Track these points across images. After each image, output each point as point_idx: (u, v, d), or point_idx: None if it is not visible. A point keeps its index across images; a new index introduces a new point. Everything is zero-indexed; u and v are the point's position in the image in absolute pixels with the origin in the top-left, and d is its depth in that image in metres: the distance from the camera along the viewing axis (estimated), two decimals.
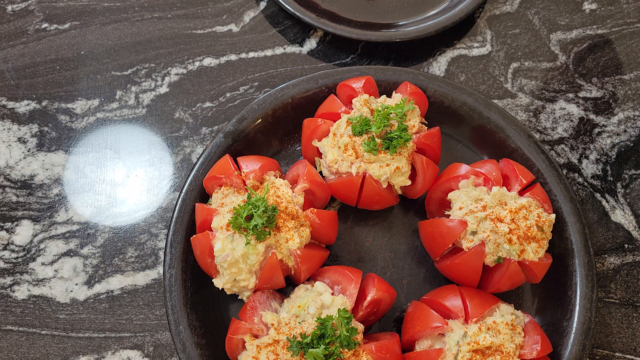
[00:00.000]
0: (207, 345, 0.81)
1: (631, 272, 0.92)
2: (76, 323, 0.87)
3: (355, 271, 0.80)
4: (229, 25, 1.07)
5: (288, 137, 0.96)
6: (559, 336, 0.82)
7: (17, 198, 0.94)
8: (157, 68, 1.03)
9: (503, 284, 0.80)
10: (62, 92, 1.01)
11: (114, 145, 0.98)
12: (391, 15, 1.08)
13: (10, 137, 0.98)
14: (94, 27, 1.06)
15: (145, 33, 1.06)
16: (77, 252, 0.91)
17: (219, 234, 0.78)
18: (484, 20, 1.09)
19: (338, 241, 0.91)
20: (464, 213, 0.80)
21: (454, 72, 1.05)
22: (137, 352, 0.86)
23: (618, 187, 0.97)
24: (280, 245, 0.78)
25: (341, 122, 0.85)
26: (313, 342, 0.72)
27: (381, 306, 0.81)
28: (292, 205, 0.80)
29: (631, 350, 0.87)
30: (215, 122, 1.00)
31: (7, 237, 0.92)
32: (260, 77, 1.03)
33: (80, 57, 1.04)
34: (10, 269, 0.90)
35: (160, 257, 0.91)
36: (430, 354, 0.75)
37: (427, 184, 0.87)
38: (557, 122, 1.01)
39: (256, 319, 0.77)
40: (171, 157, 0.97)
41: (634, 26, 1.09)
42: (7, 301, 0.88)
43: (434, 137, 0.87)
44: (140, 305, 0.88)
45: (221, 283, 0.79)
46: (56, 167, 0.96)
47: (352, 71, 0.93)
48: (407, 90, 0.89)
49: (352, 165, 0.84)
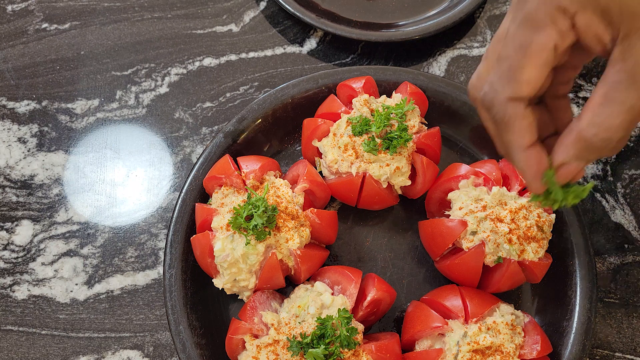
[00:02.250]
0: (207, 345, 0.81)
1: (631, 272, 0.92)
2: (76, 323, 0.87)
3: (355, 271, 0.80)
4: (229, 25, 1.07)
5: (288, 137, 0.96)
6: (559, 336, 0.82)
7: (17, 198, 0.94)
8: (157, 68, 1.03)
9: (503, 284, 0.80)
10: (62, 92, 1.01)
11: (114, 145, 0.98)
12: (391, 15, 1.08)
13: (10, 137, 0.98)
14: (94, 27, 1.06)
15: (145, 33, 1.06)
16: (77, 252, 0.91)
17: (219, 234, 0.78)
18: (484, 20, 1.09)
19: (338, 241, 0.91)
20: (464, 213, 0.80)
21: (454, 72, 1.05)
22: (137, 352, 0.86)
23: (618, 187, 0.97)
24: (280, 245, 0.78)
25: (341, 122, 0.85)
26: (313, 342, 0.72)
27: (381, 306, 0.81)
28: (292, 205, 0.80)
29: (631, 350, 0.87)
30: (215, 122, 1.00)
31: (7, 237, 0.92)
32: (260, 77, 1.03)
33: (80, 57, 1.04)
34: (10, 269, 0.90)
35: (160, 257, 0.91)
36: (430, 354, 0.75)
37: (427, 184, 0.87)
38: None
39: (256, 319, 0.77)
40: (171, 157, 0.97)
41: None
42: (7, 301, 0.88)
43: (434, 137, 0.87)
44: (140, 305, 0.88)
45: (221, 283, 0.79)
46: (56, 167, 0.96)
47: (352, 71, 0.93)
48: (407, 90, 0.89)
49: (352, 165, 0.84)
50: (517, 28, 0.54)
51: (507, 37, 0.55)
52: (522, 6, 0.54)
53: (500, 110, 0.56)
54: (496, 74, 0.56)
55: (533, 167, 0.58)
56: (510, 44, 0.55)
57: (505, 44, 0.55)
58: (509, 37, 0.55)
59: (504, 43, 0.55)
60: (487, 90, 0.57)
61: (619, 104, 0.51)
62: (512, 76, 0.55)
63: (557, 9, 0.51)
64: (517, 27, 0.54)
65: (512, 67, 0.55)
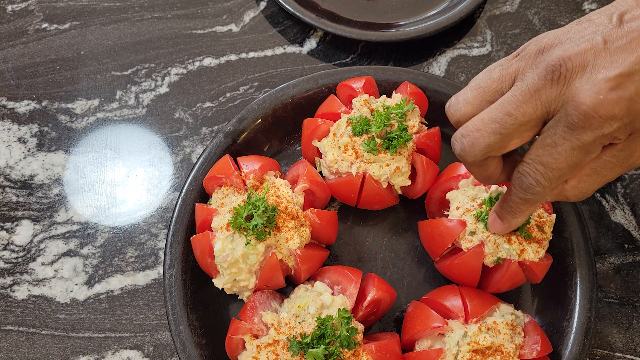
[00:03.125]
0: (207, 345, 0.81)
1: (631, 272, 0.92)
2: (76, 323, 0.87)
3: (355, 271, 0.80)
4: (229, 25, 1.07)
5: (288, 137, 0.96)
6: (559, 336, 0.82)
7: (17, 198, 0.94)
8: (157, 68, 1.03)
9: (503, 284, 0.80)
10: (62, 92, 1.01)
11: (114, 145, 0.98)
12: (391, 15, 1.08)
13: (10, 137, 0.98)
14: (94, 27, 1.06)
15: (145, 33, 1.06)
16: (77, 252, 0.91)
17: (219, 234, 0.78)
18: (484, 20, 1.09)
19: (338, 241, 0.91)
20: (461, 212, 0.80)
21: (454, 72, 1.05)
22: (137, 352, 0.86)
23: (618, 187, 0.97)
24: (280, 245, 0.78)
25: (341, 122, 0.85)
26: (313, 342, 0.72)
27: (381, 306, 0.81)
28: (292, 205, 0.80)
29: (631, 350, 0.87)
30: (215, 122, 1.00)
31: (7, 237, 0.92)
32: (260, 77, 1.03)
33: (80, 57, 1.04)
34: (10, 269, 0.90)
35: (160, 257, 0.91)
36: (430, 354, 0.75)
37: (427, 184, 0.87)
38: None
39: (256, 319, 0.77)
40: (171, 157, 0.97)
41: None
42: (7, 301, 0.88)
43: (434, 137, 0.87)
44: (140, 305, 0.88)
45: (221, 283, 0.79)
46: (56, 167, 0.96)
47: (352, 71, 0.93)
48: (407, 90, 0.89)
49: (352, 165, 0.84)
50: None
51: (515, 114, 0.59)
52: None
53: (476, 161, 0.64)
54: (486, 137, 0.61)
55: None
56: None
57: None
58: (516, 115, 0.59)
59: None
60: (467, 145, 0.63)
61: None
62: (504, 146, 0.61)
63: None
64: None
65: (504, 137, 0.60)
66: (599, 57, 0.54)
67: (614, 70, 0.53)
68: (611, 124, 0.54)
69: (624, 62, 0.53)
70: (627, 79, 0.53)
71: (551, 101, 0.56)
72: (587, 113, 0.54)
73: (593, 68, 0.54)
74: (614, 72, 0.53)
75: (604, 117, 0.53)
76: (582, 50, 0.55)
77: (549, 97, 0.56)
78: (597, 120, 0.54)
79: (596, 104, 0.53)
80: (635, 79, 0.53)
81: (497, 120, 0.59)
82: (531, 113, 0.57)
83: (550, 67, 0.56)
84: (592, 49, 0.55)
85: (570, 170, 0.59)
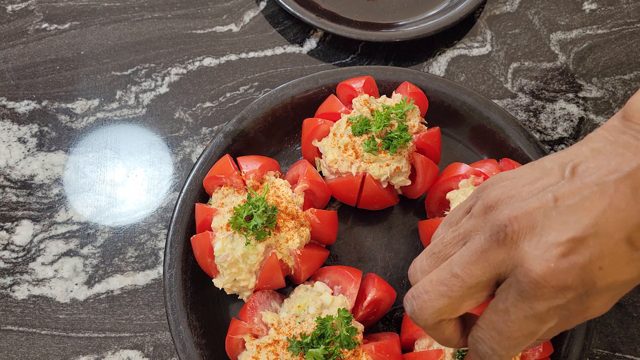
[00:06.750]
0: (207, 345, 0.81)
1: None
2: (76, 323, 0.87)
3: (355, 271, 0.80)
4: (229, 25, 1.07)
5: (288, 137, 0.96)
6: (559, 336, 0.82)
7: (17, 198, 0.94)
8: (157, 68, 1.03)
9: None
10: (62, 92, 1.01)
11: (114, 145, 0.98)
12: (391, 15, 1.08)
13: (10, 137, 0.98)
14: (94, 27, 1.06)
15: (145, 33, 1.06)
16: (77, 252, 0.91)
17: (219, 234, 0.78)
18: (484, 20, 1.09)
19: (338, 241, 0.91)
20: None
21: (454, 72, 1.05)
22: (137, 352, 0.86)
23: None
24: (280, 245, 0.78)
25: (341, 122, 0.85)
26: (313, 342, 0.72)
27: (381, 306, 0.81)
28: (292, 205, 0.80)
29: (631, 350, 0.87)
30: (215, 122, 1.00)
31: (7, 237, 0.92)
32: (260, 77, 1.03)
33: (80, 57, 1.04)
34: (10, 269, 0.90)
35: (160, 257, 0.91)
36: (430, 354, 0.75)
37: (427, 184, 0.87)
38: (557, 122, 1.01)
39: (256, 319, 0.77)
40: (171, 157, 0.97)
41: (634, 26, 1.09)
42: (7, 301, 0.88)
43: (434, 137, 0.87)
44: (140, 305, 0.88)
45: (221, 283, 0.79)
46: (56, 167, 0.96)
47: (352, 71, 0.93)
48: (407, 90, 0.89)
49: (352, 165, 0.84)
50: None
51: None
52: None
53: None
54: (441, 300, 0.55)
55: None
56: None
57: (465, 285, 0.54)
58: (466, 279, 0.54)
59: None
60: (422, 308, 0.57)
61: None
62: (456, 310, 0.55)
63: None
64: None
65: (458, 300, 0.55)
66: (549, 217, 0.49)
67: (565, 234, 0.48)
68: (565, 294, 0.49)
69: (576, 225, 0.48)
70: (580, 244, 0.47)
71: (499, 264, 0.51)
72: (538, 282, 0.48)
73: (542, 229, 0.49)
74: (566, 235, 0.48)
75: (556, 287, 0.48)
76: (531, 209, 0.50)
77: (496, 259, 0.51)
78: (549, 291, 0.48)
79: (547, 273, 0.48)
80: (589, 244, 0.47)
81: (445, 282, 0.54)
82: (479, 275, 0.52)
83: (495, 227, 0.51)
84: (541, 208, 0.49)
85: (527, 340, 0.53)
